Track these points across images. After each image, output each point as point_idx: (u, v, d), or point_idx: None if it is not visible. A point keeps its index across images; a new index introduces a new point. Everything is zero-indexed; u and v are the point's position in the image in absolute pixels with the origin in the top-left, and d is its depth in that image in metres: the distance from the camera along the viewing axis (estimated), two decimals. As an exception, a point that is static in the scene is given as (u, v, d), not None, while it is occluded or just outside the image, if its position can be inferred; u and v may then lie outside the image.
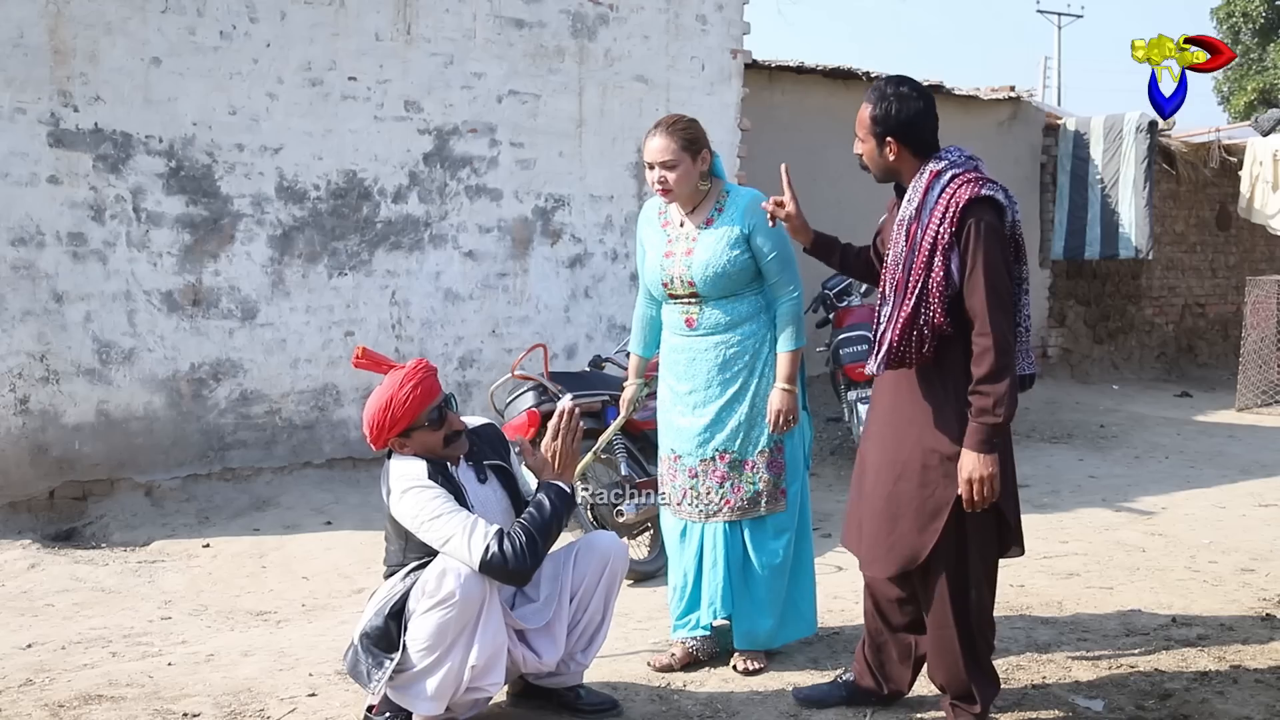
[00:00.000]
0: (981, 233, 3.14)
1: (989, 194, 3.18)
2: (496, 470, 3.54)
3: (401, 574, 3.32)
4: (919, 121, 3.27)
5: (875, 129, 3.27)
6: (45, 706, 3.60)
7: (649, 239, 4.04)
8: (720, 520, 3.93)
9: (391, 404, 3.28)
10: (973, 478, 3.14)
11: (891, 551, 3.34)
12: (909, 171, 3.29)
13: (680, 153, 3.84)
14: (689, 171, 3.87)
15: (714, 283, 3.86)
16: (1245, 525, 6.30)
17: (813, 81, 9.75)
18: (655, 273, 3.98)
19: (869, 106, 3.28)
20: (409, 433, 3.32)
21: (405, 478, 3.28)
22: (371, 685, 3.27)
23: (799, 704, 3.63)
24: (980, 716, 3.39)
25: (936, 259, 3.15)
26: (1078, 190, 11.53)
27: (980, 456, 3.14)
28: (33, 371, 5.79)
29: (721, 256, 3.84)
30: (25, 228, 5.75)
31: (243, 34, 6.27)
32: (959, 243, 3.14)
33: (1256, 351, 10.93)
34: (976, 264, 3.13)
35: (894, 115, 3.24)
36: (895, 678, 3.59)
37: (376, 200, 6.77)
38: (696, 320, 3.92)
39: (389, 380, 3.34)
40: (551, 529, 3.28)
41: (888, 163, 3.30)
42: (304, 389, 6.59)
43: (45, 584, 5.05)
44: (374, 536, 5.77)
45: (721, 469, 3.92)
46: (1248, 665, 4.03)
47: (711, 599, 3.94)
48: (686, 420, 3.97)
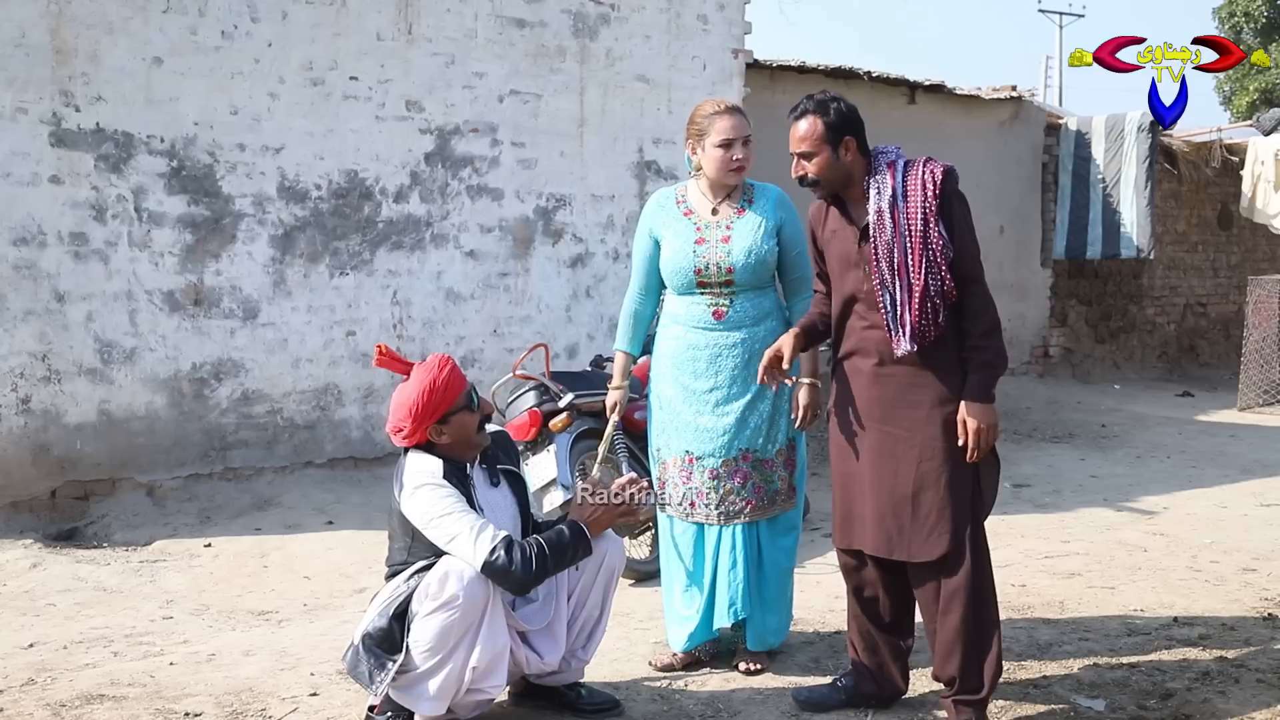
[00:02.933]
0: (960, 201, 3.37)
1: (948, 165, 3.39)
2: (508, 475, 3.56)
3: (405, 575, 3.32)
4: (860, 119, 3.46)
5: (830, 135, 3.39)
6: (47, 706, 3.60)
7: (670, 228, 3.96)
8: (741, 521, 3.90)
9: (434, 387, 3.30)
10: (980, 426, 3.28)
11: (937, 530, 3.33)
12: (859, 171, 3.42)
13: (749, 131, 3.91)
14: (752, 151, 3.93)
15: (752, 269, 3.85)
16: (1247, 525, 6.30)
17: (814, 81, 9.75)
18: (684, 260, 3.89)
19: (815, 118, 3.40)
20: (448, 417, 3.34)
21: (420, 474, 3.31)
22: (374, 686, 3.27)
23: (799, 706, 3.63)
24: (982, 705, 3.40)
25: (931, 229, 3.29)
26: (1079, 190, 11.53)
27: (984, 406, 3.30)
28: (34, 371, 5.79)
29: (762, 244, 3.86)
30: (27, 227, 5.75)
31: (244, 34, 6.27)
32: (943, 213, 3.32)
33: (1258, 351, 10.93)
34: (963, 229, 3.34)
35: (845, 114, 3.42)
36: (892, 678, 3.60)
37: (378, 200, 6.78)
38: (727, 313, 3.88)
39: (421, 371, 3.36)
40: (561, 560, 3.29)
41: (845, 165, 3.41)
42: (305, 389, 6.60)
43: (47, 584, 5.05)
44: (376, 536, 5.78)
45: (745, 469, 3.89)
46: (1249, 665, 4.02)
47: (732, 600, 3.91)
48: (708, 419, 3.90)
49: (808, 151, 3.40)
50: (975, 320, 3.33)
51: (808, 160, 3.41)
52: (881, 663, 3.59)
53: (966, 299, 3.34)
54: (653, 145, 7.76)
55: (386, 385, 6.84)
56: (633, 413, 5.04)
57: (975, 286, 3.34)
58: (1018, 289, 11.63)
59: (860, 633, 3.60)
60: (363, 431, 6.79)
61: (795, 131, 3.42)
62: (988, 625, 3.39)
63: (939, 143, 10.59)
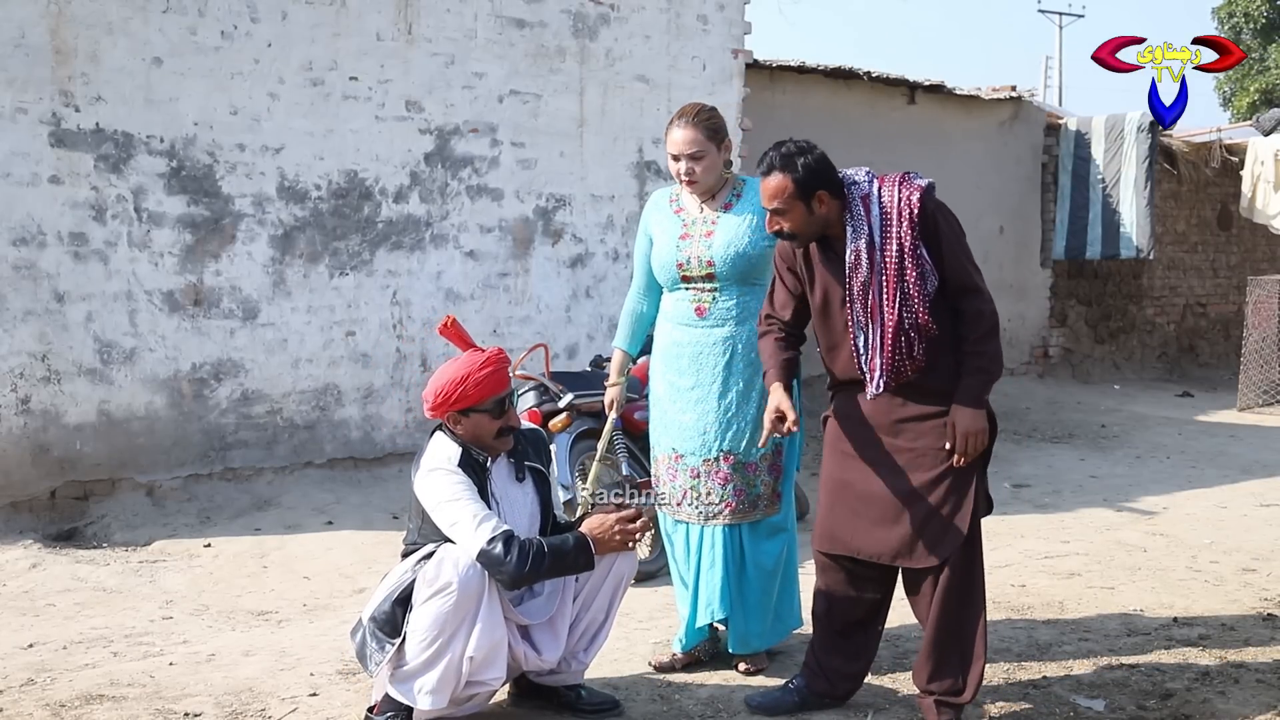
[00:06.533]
0: (945, 215, 3.35)
1: (923, 183, 3.36)
2: (534, 473, 3.58)
3: (415, 558, 3.35)
4: (829, 165, 3.39)
5: (801, 192, 3.33)
6: (47, 706, 3.60)
7: (660, 225, 3.99)
8: (720, 523, 3.90)
9: (468, 379, 3.35)
10: (969, 431, 3.28)
11: (938, 536, 3.34)
12: (837, 215, 3.38)
13: (706, 143, 3.85)
14: (714, 161, 3.88)
15: (734, 263, 3.83)
16: (1247, 525, 6.30)
17: (814, 81, 9.76)
18: (669, 255, 3.91)
19: (784, 177, 3.33)
20: (469, 412, 3.37)
21: (436, 457, 3.37)
22: (371, 668, 3.30)
23: (751, 711, 3.61)
24: (961, 709, 3.41)
25: (906, 264, 3.29)
26: (1079, 190, 11.53)
27: (975, 412, 3.29)
28: (34, 371, 5.79)
29: (743, 238, 3.84)
30: (26, 228, 5.75)
31: (244, 34, 6.27)
32: (926, 237, 3.30)
33: (1258, 351, 10.93)
34: (952, 242, 3.33)
35: (815, 169, 3.35)
36: (848, 677, 3.60)
37: (378, 200, 6.77)
38: (708, 309, 3.87)
39: (469, 357, 3.41)
40: (559, 566, 3.30)
41: (822, 218, 3.37)
42: (305, 389, 6.59)
43: (46, 584, 5.05)
44: (376, 536, 5.79)
45: (725, 470, 3.87)
46: (1249, 665, 4.03)
47: (709, 600, 3.91)
48: (689, 416, 3.91)
49: (780, 208, 3.37)
50: (971, 325, 3.32)
51: (781, 216, 3.38)
52: (838, 665, 3.58)
53: (963, 306, 3.34)
54: (652, 145, 7.76)
55: (386, 386, 6.85)
56: (632, 412, 5.04)
57: (971, 295, 3.33)
58: (1017, 289, 11.63)
59: (836, 630, 3.59)
60: (362, 432, 6.79)
61: (765, 188, 3.38)
62: (976, 630, 3.39)
63: (938, 143, 10.60)
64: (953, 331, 3.34)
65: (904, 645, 4.14)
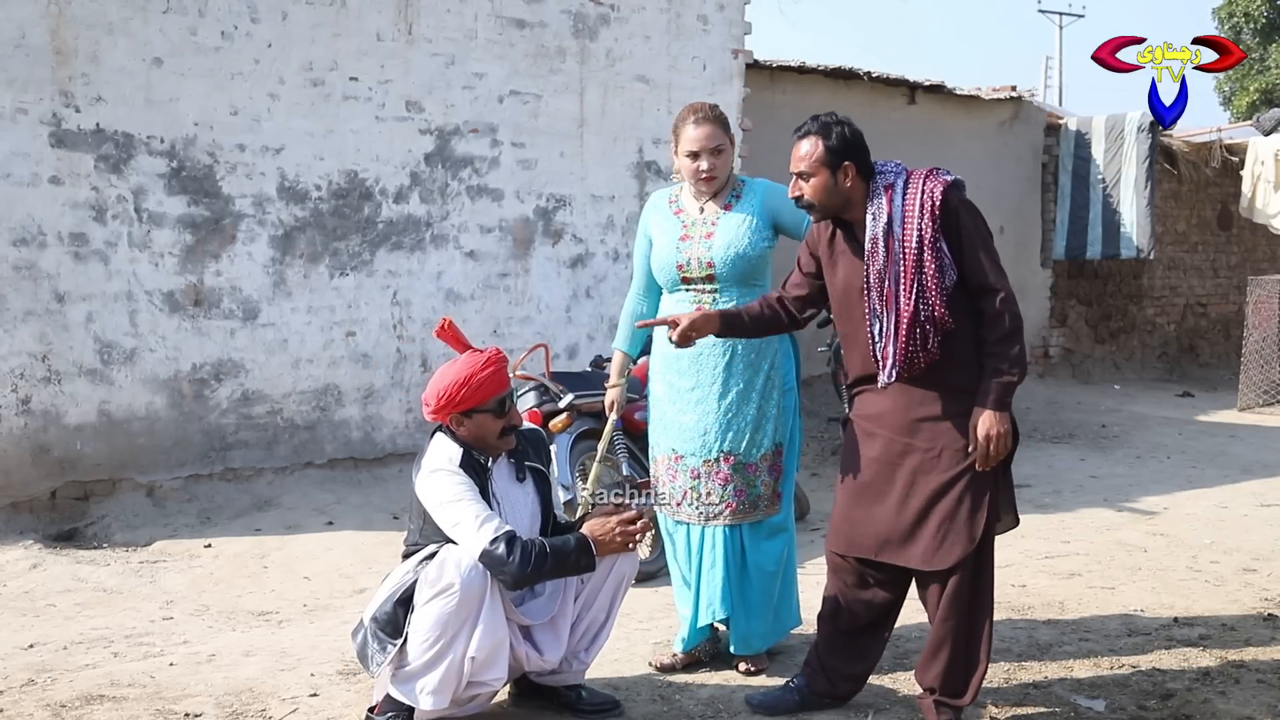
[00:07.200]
0: (969, 211, 3.33)
1: (953, 178, 3.35)
2: (534, 473, 3.58)
3: (417, 559, 3.35)
4: (864, 144, 3.41)
5: (830, 158, 3.34)
6: (47, 707, 3.60)
7: (660, 226, 4.00)
8: (720, 524, 3.90)
9: (470, 380, 3.35)
10: (990, 434, 3.25)
11: (953, 539, 3.32)
12: (859, 196, 3.38)
13: (724, 136, 3.89)
14: (729, 157, 3.92)
15: (734, 264, 3.84)
16: (1247, 525, 6.30)
17: (814, 81, 9.76)
18: (669, 256, 3.92)
19: (817, 139, 3.36)
20: (472, 413, 3.38)
21: (438, 458, 3.37)
22: (373, 668, 3.30)
23: (752, 710, 3.61)
24: (960, 710, 3.41)
25: (925, 255, 3.26)
26: (1079, 190, 11.53)
27: (996, 414, 3.26)
28: (34, 372, 5.79)
29: (743, 238, 3.85)
30: (27, 228, 5.75)
31: (244, 34, 6.27)
32: (947, 231, 3.28)
33: (1258, 351, 10.93)
34: (974, 239, 3.31)
35: (848, 139, 3.37)
36: (850, 678, 3.60)
37: (378, 200, 6.78)
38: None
39: (469, 359, 3.41)
40: (560, 567, 3.30)
41: (844, 191, 3.37)
42: (305, 389, 6.60)
43: (47, 584, 5.06)
44: (376, 536, 5.79)
45: (725, 470, 3.88)
46: (1250, 665, 4.03)
47: (710, 601, 3.91)
48: (689, 417, 3.91)
49: (805, 172, 3.37)
50: (992, 327, 3.30)
51: (805, 181, 3.39)
52: (841, 665, 3.58)
53: (983, 306, 3.31)
54: (653, 145, 7.77)
55: (386, 386, 6.85)
56: (632, 413, 5.04)
57: (992, 295, 3.30)
58: (1017, 289, 11.29)
59: (831, 633, 3.59)
60: (363, 432, 6.79)
61: (796, 150, 3.40)
62: (982, 635, 3.39)
63: (939, 143, 10.59)
64: (974, 330, 3.32)
65: (904, 645, 4.14)
